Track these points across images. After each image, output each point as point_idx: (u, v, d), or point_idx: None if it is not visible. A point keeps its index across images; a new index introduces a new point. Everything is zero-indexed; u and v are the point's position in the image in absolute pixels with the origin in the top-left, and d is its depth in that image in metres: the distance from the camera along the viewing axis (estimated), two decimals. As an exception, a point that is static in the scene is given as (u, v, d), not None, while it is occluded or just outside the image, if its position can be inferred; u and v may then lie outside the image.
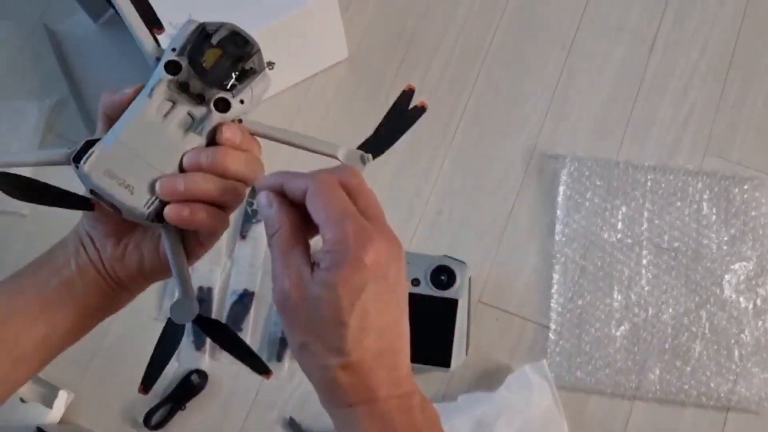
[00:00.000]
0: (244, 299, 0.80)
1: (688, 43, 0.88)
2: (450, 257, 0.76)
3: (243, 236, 0.82)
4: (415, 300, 0.73)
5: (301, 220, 0.38)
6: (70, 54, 0.91)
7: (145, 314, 0.81)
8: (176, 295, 0.43)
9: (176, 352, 0.78)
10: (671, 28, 0.88)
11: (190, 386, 0.77)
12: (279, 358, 0.78)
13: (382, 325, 0.36)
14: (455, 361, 0.74)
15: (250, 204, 0.83)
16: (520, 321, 0.78)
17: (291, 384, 0.78)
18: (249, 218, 0.83)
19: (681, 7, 0.89)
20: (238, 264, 0.82)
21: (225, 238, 0.83)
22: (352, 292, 0.35)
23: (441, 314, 0.74)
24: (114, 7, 0.41)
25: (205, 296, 0.80)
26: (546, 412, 0.73)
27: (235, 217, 0.83)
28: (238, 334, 0.78)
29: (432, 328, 0.74)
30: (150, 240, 0.45)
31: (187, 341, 0.79)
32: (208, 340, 0.79)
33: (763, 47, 0.87)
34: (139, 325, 0.81)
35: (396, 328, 0.37)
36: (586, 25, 0.89)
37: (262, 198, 0.38)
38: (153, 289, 0.82)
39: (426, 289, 0.75)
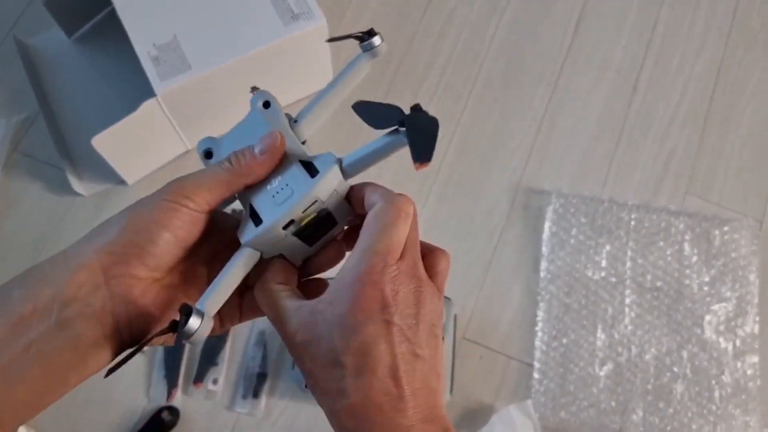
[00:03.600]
0: None
1: (669, 85, 0.89)
2: (436, 293, 0.74)
3: None
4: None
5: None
6: (42, 69, 0.87)
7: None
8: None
9: (147, 388, 0.74)
10: (653, 70, 0.90)
11: (161, 423, 0.73)
12: (255, 394, 0.75)
13: (391, 366, 0.33)
14: (439, 400, 0.72)
15: None
16: (504, 359, 0.77)
17: (267, 422, 0.75)
18: None
19: (662, 50, 0.91)
20: None
21: None
22: (349, 329, 0.32)
23: (426, 351, 0.73)
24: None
25: None
26: (531, 454, 0.72)
27: None
28: (213, 368, 0.75)
29: (416, 366, 0.72)
30: (182, 297, 0.38)
31: (158, 376, 0.75)
32: (181, 376, 0.75)
33: (741, 92, 0.89)
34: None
35: (409, 372, 0.33)
36: (571, 63, 0.90)
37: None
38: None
39: (411, 325, 0.73)
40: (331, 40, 0.40)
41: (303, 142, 0.38)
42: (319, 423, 0.74)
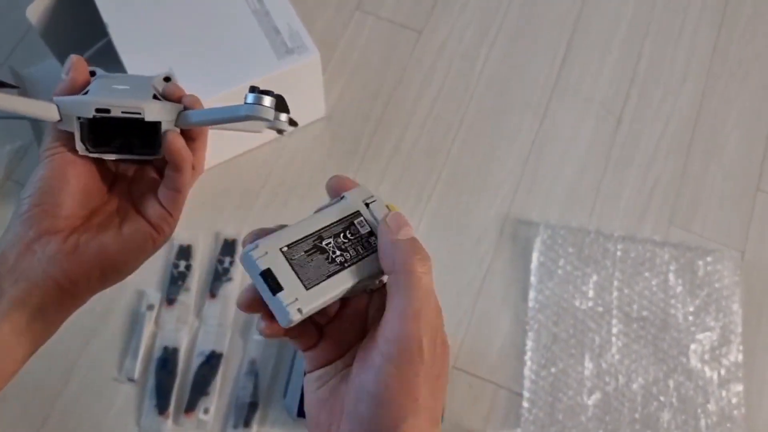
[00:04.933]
0: (212, 360, 0.77)
1: (652, 117, 0.92)
2: (426, 322, 0.75)
3: (212, 295, 0.80)
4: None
5: None
6: (37, 99, 0.88)
7: (103, 373, 0.77)
8: None
9: (137, 418, 0.74)
10: (637, 103, 0.92)
11: None
12: (246, 424, 0.75)
13: None
14: (430, 429, 0.72)
15: (221, 262, 0.81)
16: (494, 387, 0.78)
17: (258, 451, 0.75)
18: (219, 276, 0.81)
19: (645, 82, 0.93)
20: (206, 324, 0.79)
21: (194, 296, 0.80)
22: None
23: (416, 380, 0.73)
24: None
25: (170, 357, 0.77)
26: (520, 484, 0.72)
27: (203, 274, 0.81)
28: (205, 398, 0.76)
29: (407, 395, 0.73)
30: (113, 230, 0.42)
31: (149, 405, 0.75)
32: (173, 405, 0.75)
33: (722, 124, 0.91)
34: (96, 386, 0.77)
35: None
36: (558, 96, 0.92)
37: None
38: (113, 347, 0.78)
39: (402, 354, 0.73)
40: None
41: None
42: (309, 453, 0.75)
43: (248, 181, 0.86)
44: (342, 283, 0.35)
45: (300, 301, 0.33)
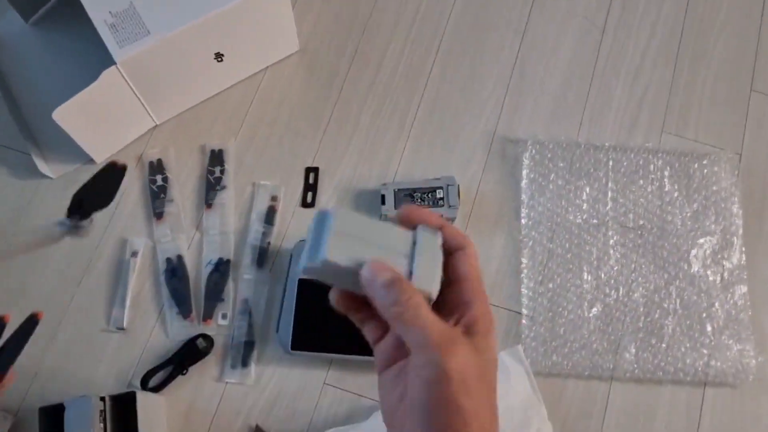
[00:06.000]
0: (221, 267, 0.76)
1: (637, 25, 0.88)
2: (417, 245, 0.73)
3: (209, 205, 0.79)
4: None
5: None
6: (1, 55, 0.85)
7: (91, 325, 0.75)
8: None
9: (164, 325, 0.74)
10: (621, 12, 0.89)
11: (195, 350, 0.73)
12: (244, 363, 0.73)
13: None
14: (429, 352, 0.70)
15: (211, 173, 0.81)
16: (493, 309, 0.76)
17: (256, 390, 0.73)
18: (212, 186, 0.80)
19: (628, -8, 0.90)
20: (208, 234, 0.78)
21: (180, 205, 0.80)
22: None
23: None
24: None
25: (177, 265, 0.76)
26: (524, 399, 0.71)
27: (195, 186, 0.81)
28: (221, 304, 0.75)
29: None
30: None
31: (171, 314, 0.75)
32: (194, 308, 0.75)
33: (709, 28, 0.88)
34: (85, 338, 0.75)
35: None
36: (538, 10, 0.89)
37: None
38: (99, 298, 0.76)
39: (394, 279, 0.72)
40: None
41: None
42: (306, 387, 0.73)
43: (227, 118, 0.84)
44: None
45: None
